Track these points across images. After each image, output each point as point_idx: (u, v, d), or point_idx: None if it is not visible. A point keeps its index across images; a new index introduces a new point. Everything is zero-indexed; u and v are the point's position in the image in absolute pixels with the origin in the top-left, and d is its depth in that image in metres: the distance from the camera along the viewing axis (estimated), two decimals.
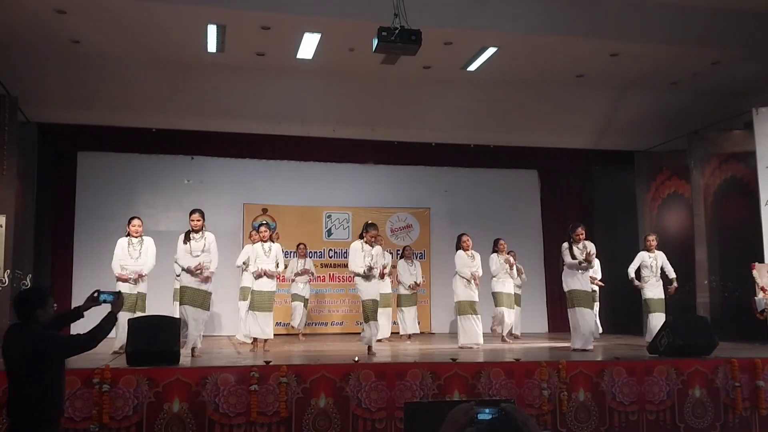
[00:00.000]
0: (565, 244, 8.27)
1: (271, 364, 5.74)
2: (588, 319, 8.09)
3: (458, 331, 8.71)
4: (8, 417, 3.78)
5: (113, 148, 11.16)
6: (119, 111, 10.67)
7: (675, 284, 8.89)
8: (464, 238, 8.89)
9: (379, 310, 7.92)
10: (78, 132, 10.81)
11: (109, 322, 3.97)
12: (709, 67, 10.21)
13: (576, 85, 11.05)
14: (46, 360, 3.72)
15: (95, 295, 4.14)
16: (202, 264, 7.22)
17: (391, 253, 10.92)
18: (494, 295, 9.57)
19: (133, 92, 10.43)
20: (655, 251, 8.97)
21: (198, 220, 7.42)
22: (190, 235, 7.38)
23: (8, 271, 8.18)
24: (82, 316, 4.27)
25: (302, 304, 10.37)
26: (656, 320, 8.58)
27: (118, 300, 4.13)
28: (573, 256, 8.14)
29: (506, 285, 9.62)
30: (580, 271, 8.14)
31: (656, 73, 10.49)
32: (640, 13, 9.04)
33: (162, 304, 9.42)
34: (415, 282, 10.22)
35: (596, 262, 9.02)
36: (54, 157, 10.89)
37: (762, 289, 9.00)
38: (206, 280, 7.24)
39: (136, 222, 7.79)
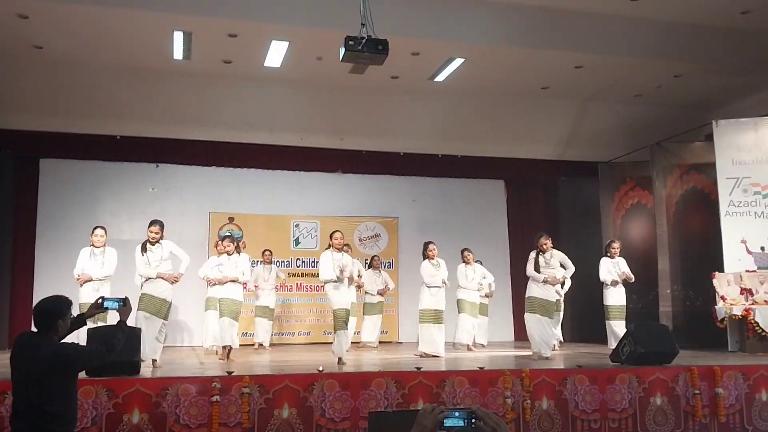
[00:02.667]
0: (532, 254, 8.31)
1: (233, 374, 5.68)
2: (542, 327, 8.11)
3: (419, 338, 8.73)
4: (12, 430, 3.58)
5: (77, 155, 11.00)
6: (83, 118, 10.53)
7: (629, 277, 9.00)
8: (430, 246, 8.88)
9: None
10: (40, 139, 10.63)
11: (121, 331, 3.89)
12: (671, 80, 10.43)
13: (541, 97, 11.21)
14: (65, 371, 3.60)
15: (99, 302, 3.98)
16: (173, 275, 7.27)
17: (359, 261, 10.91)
18: (458, 302, 9.63)
19: (98, 99, 10.31)
20: (617, 258, 9.09)
21: (157, 233, 7.28)
22: (147, 246, 7.26)
23: None
24: (86, 324, 4.15)
25: (266, 318, 10.25)
26: (617, 327, 8.69)
27: (125, 307, 3.98)
28: (536, 267, 8.17)
29: (471, 294, 9.67)
30: (542, 283, 8.18)
31: (620, 85, 10.68)
32: (604, 27, 9.21)
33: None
34: (386, 287, 10.44)
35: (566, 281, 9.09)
36: (15, 163, 10.68)
37: (722, 298, 9.18)
38: (174, 281, 7.26)
39: (98, 232, 7.62)
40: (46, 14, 8.16)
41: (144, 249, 7.24)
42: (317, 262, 11.48)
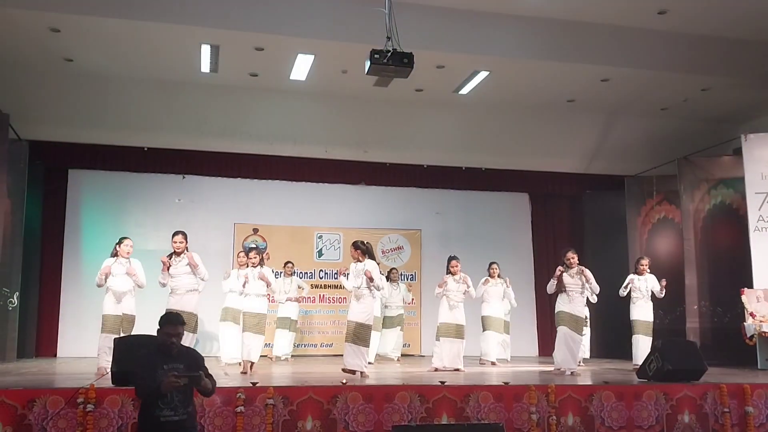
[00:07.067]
0: (559, 270, 8.17)
1: (257, 385, 5.68)
2: (569, 341, 8.00)
3: (434, 352, 8.56)
4: None
5: (104, 166, 11.15)
6: (111, 129, 10.69)
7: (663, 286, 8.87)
8: (453, 262, 8.72)
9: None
10: (69, 150, 10.83)
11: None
12: (698, 93, 10.33)
13: (567, 110, 11.15)
14: None
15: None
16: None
17: (381, 273, 10.86)
18: (484, 318, 9.53)
19: (126, 111, 10.46)
20: (646, 275, 8.96)
21: (181, 242, 7.31)
22: (172, 258, 7.28)
23: None
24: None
25: (288, 329, 10.26)
26: (642, 342, 8.56)
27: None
28: (561, 284, 8.04)
29: (496, 309, 9.57)
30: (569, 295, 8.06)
31: (646, 98, 10.59)
32: (630, 40, 9.16)
33: (151, 325, 9.29)
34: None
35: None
36: (45, 174, 10.86)
37: (751, 314, 9.02)
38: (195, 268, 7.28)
39: (128, 242, 7.57)
40: (77, 28, 8.31)
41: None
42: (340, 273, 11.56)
